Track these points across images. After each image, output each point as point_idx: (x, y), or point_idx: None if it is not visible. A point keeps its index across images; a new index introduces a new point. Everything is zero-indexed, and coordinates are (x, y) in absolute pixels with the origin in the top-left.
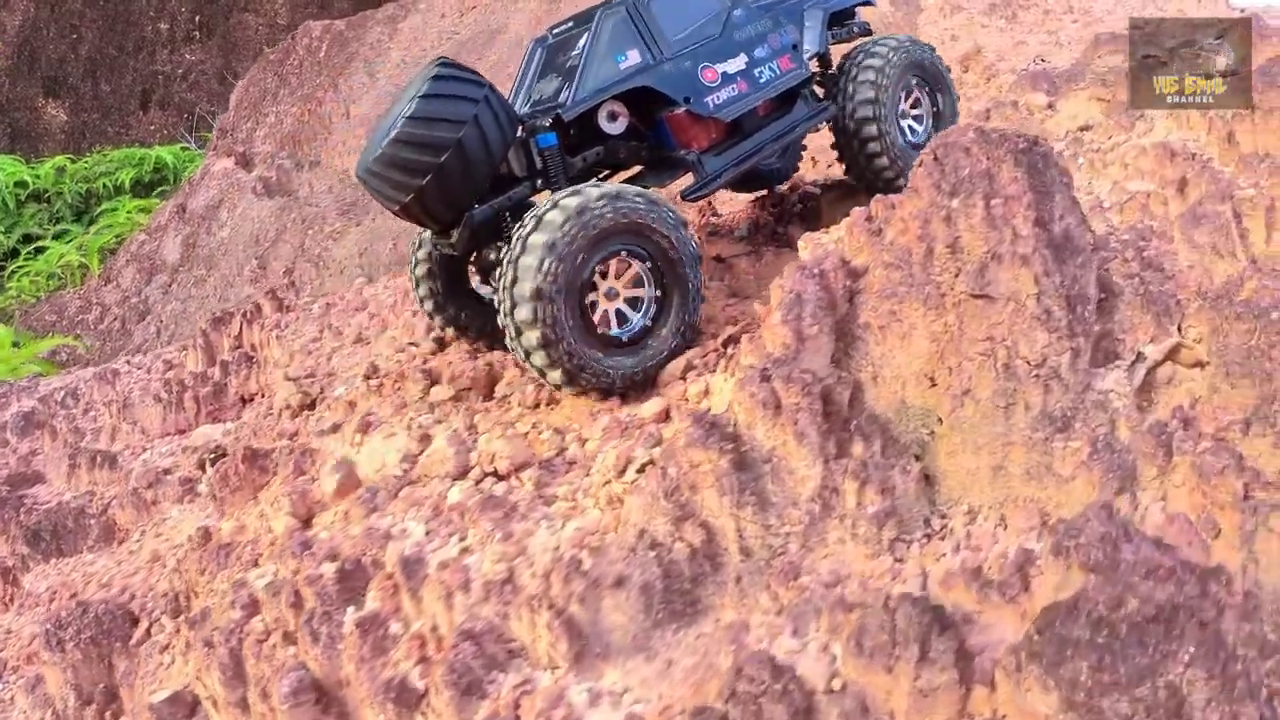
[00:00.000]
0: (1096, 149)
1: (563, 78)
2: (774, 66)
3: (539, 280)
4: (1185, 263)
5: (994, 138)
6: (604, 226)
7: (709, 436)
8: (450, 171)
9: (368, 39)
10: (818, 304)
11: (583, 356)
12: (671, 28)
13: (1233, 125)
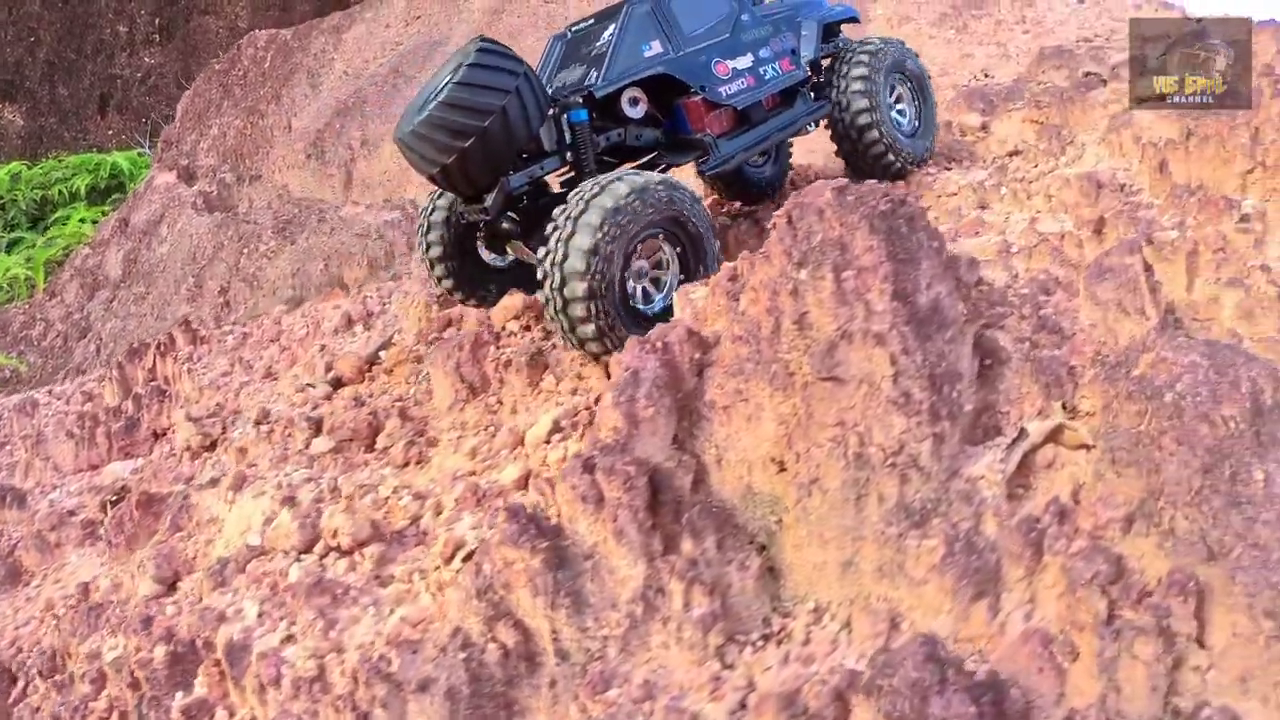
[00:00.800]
0: (1021, 177)
1: (587, 65)
2: (776, 67)
3: (592, 249)
4: (1088, 320)
5: (850, 200)
6: (648, 212)
7: (523, 533)
8: (492, 137)
9: (312, 49)
10: (656, 382)
11: (623, 331)
12: (688, 25)
13: (1165, 153)
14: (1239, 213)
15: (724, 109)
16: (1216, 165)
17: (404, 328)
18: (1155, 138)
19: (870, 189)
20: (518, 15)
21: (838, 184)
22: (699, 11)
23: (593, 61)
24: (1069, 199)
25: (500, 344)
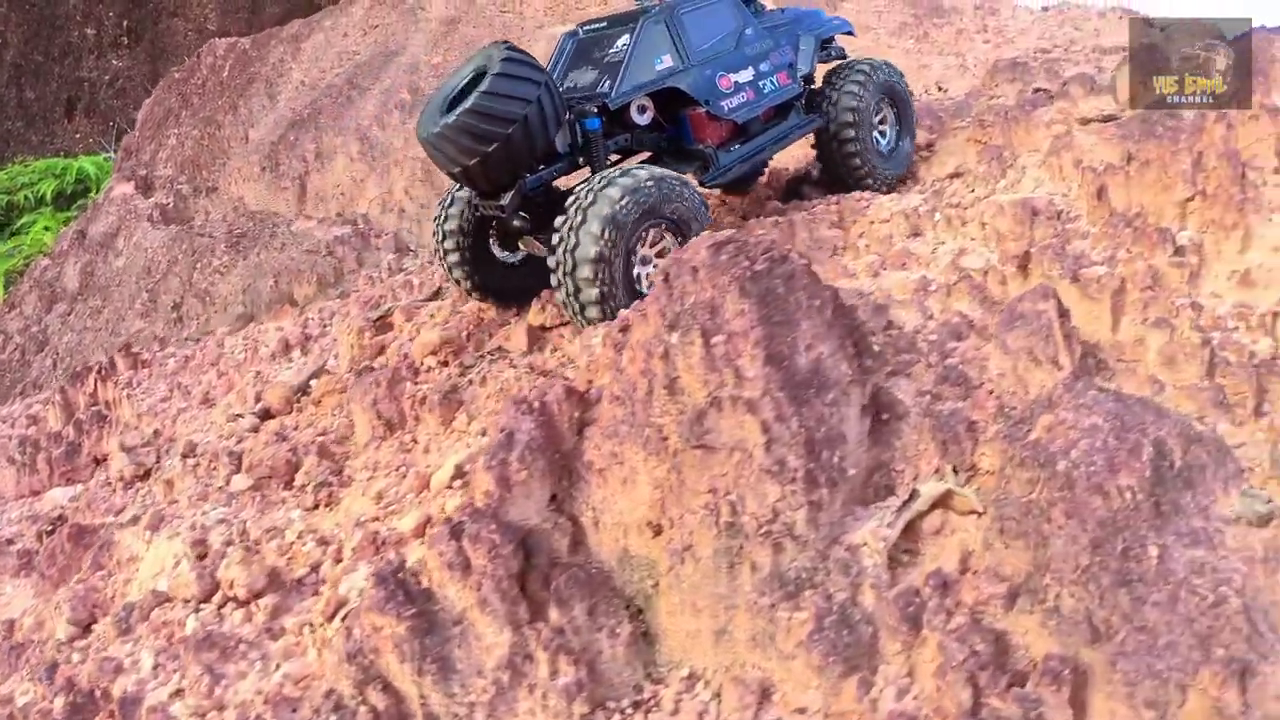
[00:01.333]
0: (957, 203)
1: (601, 71)
2: (774, 80)
3: (600, 246)
4: (996, 370)
5: (723, 260)
6: (650, 203)
7: (390, 600)
8: (514, 143)
9: (270, 58)
10: (530, 445)
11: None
12: (698, 39)
13: (1104, 179)
14: (1174, 245)
15: (725, 121)
16: (1157, 191)
17: (339, 354)
18: (1096, 161)
19: (751, 245)
20: (474, 26)
21: (716, 240)
22: (708, 26)
23: (606, 69)
24: (1002, 227)
25: (418, 380)
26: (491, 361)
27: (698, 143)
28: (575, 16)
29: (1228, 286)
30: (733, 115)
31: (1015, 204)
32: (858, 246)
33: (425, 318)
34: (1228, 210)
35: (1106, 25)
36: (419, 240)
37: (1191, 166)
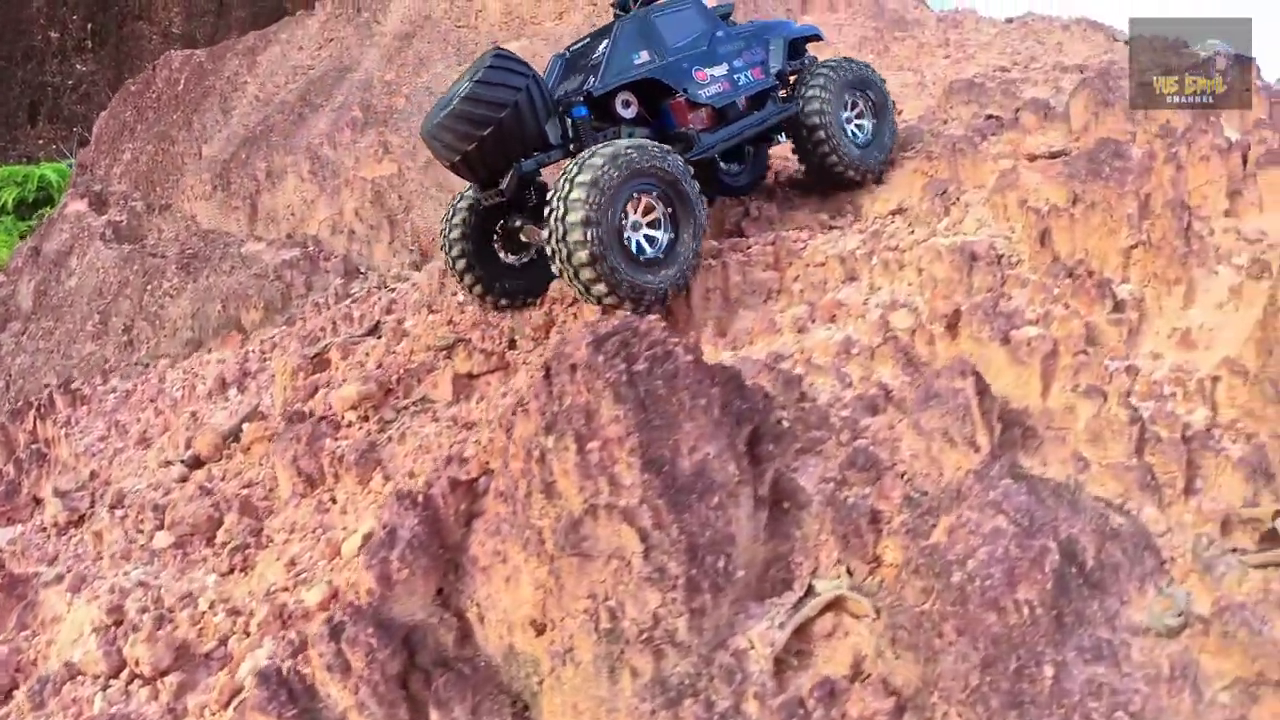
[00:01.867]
0: (896, 245)
1: (585, 73)
2: (748, 75)
3: (586, 210)
4: (909, 451)
5: (601, 361)
6: (632, 168)
7: (272, 700)
8: (507, 128)
9: (225, 71)
10: (413, 542)
11: (621, 272)
12: (671, 39)
13: (1049, 221)
14: (1114, 300)
15: (704, 108)
16: (1102, 235)
17: (274, 394)
18: (1041, 201)
19: (635, 340)
20: (428, 41)
21: (599, 335)
22: (679, 29)
23: (590, 70)
24: (939, 274)
25: (339, 435)
26: (414, 414)
27: (680, 127)
28: (530, 32)
29: (1168, 345)
30: (710, 101)
31: (953, 250)
32: (792, 291)
33: (361, 355)
34: (1171, 264)
35: (1070, 39)
36: (369, 262)
37: (1138, 210)
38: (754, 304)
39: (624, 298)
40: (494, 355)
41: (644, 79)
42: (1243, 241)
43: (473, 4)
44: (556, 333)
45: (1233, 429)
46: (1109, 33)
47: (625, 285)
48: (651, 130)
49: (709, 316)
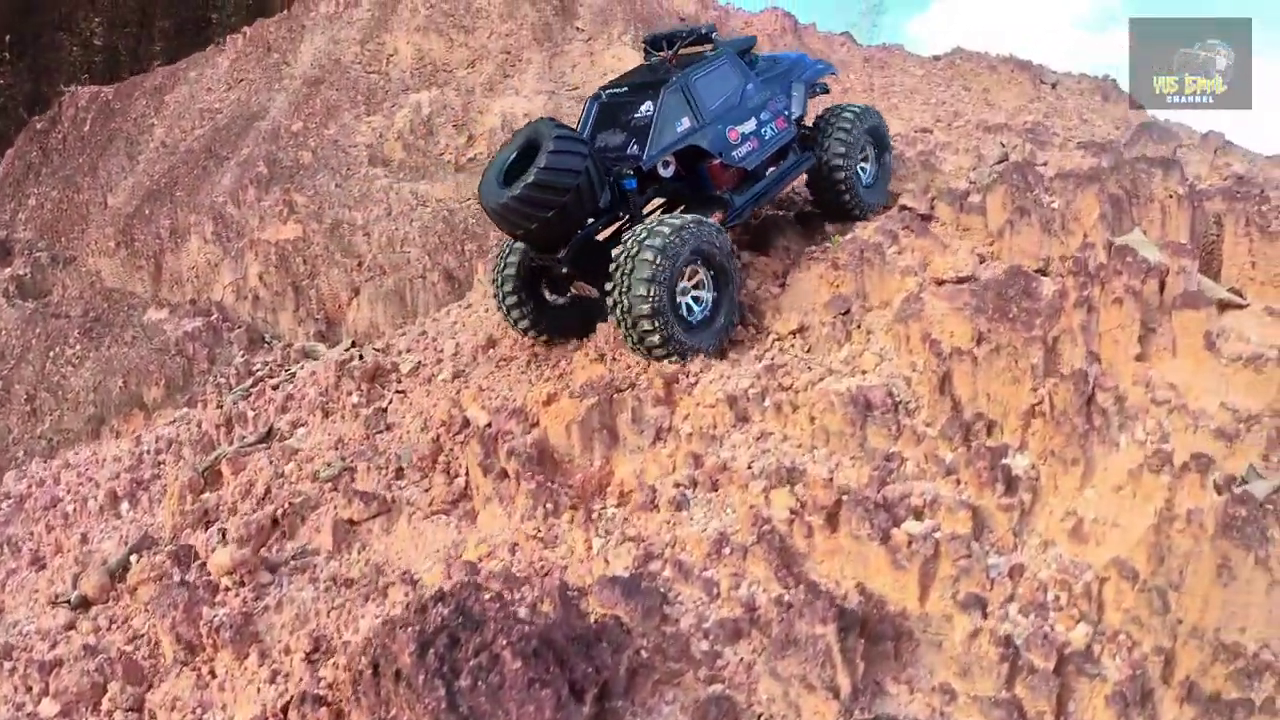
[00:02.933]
0: (790, 384)
1: (629, 134)
2: (773, 127)
3: (652, 271)
4: (766, 695)
5: (422, 680)
6: (691, 243)
7: None
8: (569, 208)
9: (132, 112)
10: None
11: (672, 328)
12: (709, 100)
13: (951, 364)
14: (1007, 480)
15: (736, 168)
16: (1006, 382)
17: (163, 515)
18: (946, 334)
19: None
20: (337, 88)
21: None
22: (715, 88)
23: (634, 132)
24: (831, 427)
25: (216, 600)
26: (293, 573)
27: (716, 189)
28: (441, 79)
29: (1060, 530)
30: (743, 163)
31: (848, 399)
32: (680, 434)
33: (251, 474)
34: (1069, 443)
35: (996, 83)
36: (274, 330)
37: (1043, 359)
38: (641, 446)
39: (670, 351)
40: (376, 500)
41: (685, 146)
42: (1152, 403)
43: (384, 49)
44: (444, 459)
45: (1115, 640)
46: (1035, 74)
47: (674, 341)
48: (688, 188)
49: (595, 457)
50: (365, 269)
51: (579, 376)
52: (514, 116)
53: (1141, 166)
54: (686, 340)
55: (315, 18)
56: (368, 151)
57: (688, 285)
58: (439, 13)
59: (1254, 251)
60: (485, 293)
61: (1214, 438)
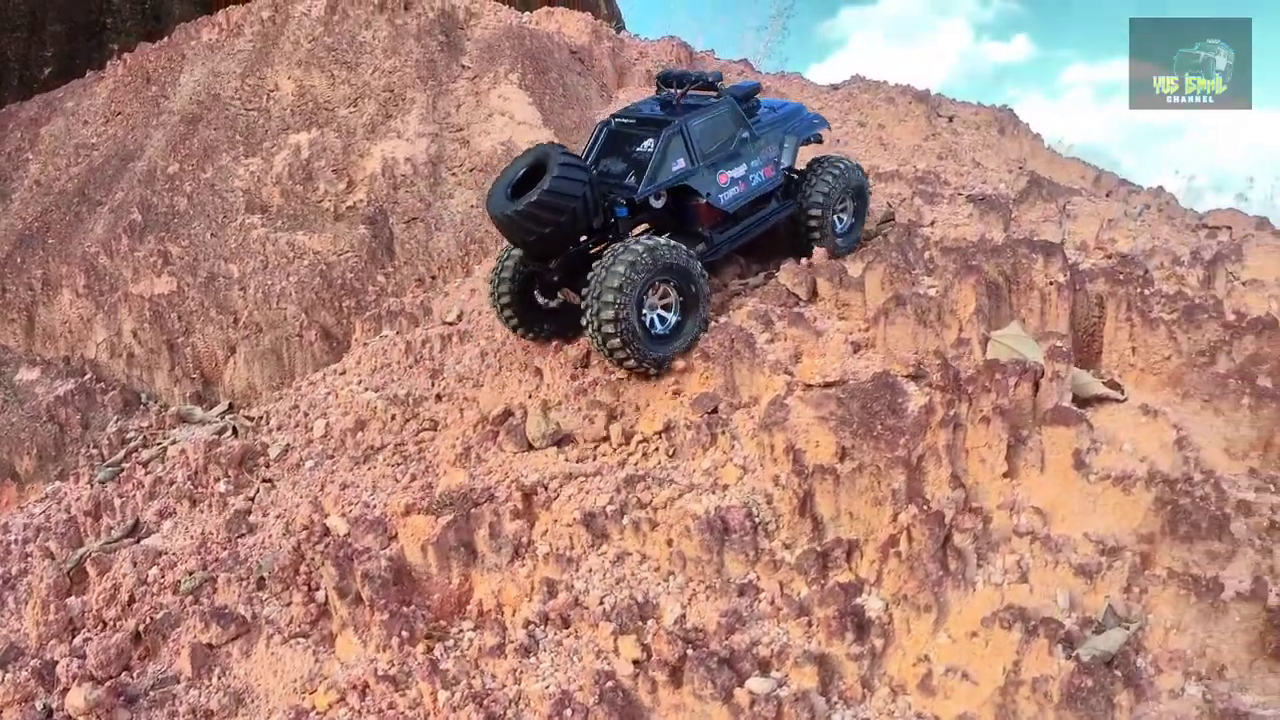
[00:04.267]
0: (649, 502)
1: (628, 164)
2: (761, 174)
3: (620, 283)
4: None
5: None
6: (661, 263)
7: None
8: (566, 226)
9: (6, 146)
10: None
11: (637, 341)
12: (704, 144)
13: (813, 483)
14: (858, 626)
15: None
16: (868, 503)
17: (25, 626)
18: (809, 447)
19: None
20: (216, 127)
21: None
22: (713, 133)
23: (633, 164)
24: (689, 552)
25: None
26: (150, 708)
27: (700, 226)
28: (322, 118)
29: (911, 675)
30: (727, 206)
31: (704, 523)
32: (537, 555)
33: (117, 576)
34: (923, 589)
35: (892, 117)
36: (150, 390)
37: (905, 481)
38: (500, 564)
39: (638, 362)
40: (235, 620)
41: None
42: (1014, 533)
43: (264, 84)
44: (305, 569)
45: None
46: (932, 107)
47: (639, 352)
48: (674, 219)
49: (453, 575)
50: (241, 326)
51: (441, 480)
52: (395, 161)
53: (1023, 251)
54: (650, 350)
55: (196, 47)
56: (245, 197)
57: (655, 301)
58: (321, 46)
59: (1135, 338)
60: (360, 357)
61: (1074, 574)
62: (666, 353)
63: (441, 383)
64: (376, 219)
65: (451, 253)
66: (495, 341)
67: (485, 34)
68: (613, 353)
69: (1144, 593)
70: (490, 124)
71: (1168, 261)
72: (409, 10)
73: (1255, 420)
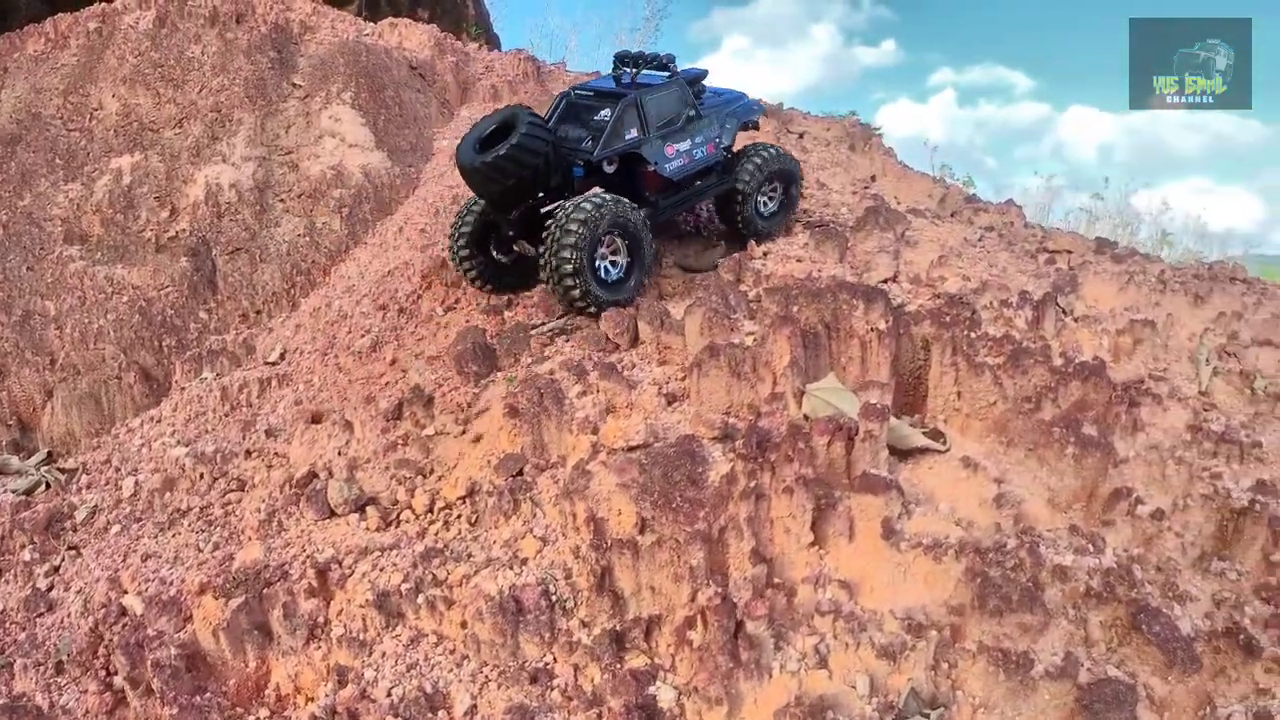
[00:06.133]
0: (445, 579)
1: (586, 130)
2: (704, 150)
3: (575, 238)
4: None
5: None
6: (610, 217)
7: None
8: (528, 180)
9: None
10: None
11: (589, 285)
12: (655, 116)
13: (612, 557)
14: (648, 715)
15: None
16: (668, 578)
17: None
18: (612, 515)
19: None
20: (35, 150)
21: None
22: (664, 107)
23: (591, 129)
24: (482, 636)
25: None
26: None
27: (646, 192)
28: (146, 140)
29: None
30: (671, 174)
31: (496, 606)
32: (331, 637)
33: None
34: (713, 680)
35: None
36: None
37: (704, 560)
38: (295, 646)
39: (588, 303)
40: (30, 713)
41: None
42: (816, 611)
43: (88, 102)
44: (103, 652)
45: None
46: (783, 122)
47: (591, 296)
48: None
49: (249, 659)
50: (59, 368)
51: (239, 554)
52: (219, 187)
53: (844, 297)
54: (603, 295)
55: (20, 59)
56: (64, 227)
57: (605, 252)
58: (148, 62)
59: (960, 383)
60: (177, 403)
61: (877, 655)
62: (617, 297)
63: (253, 436)
64: (199, 250)
65: (277, 285)
66: (312, 387)
67: (320, 50)
68: (568, 295)
69: (953, 668)
70: (320, 146)
71: (996, 301)
72: (241, 24)
73: (1079, 470)
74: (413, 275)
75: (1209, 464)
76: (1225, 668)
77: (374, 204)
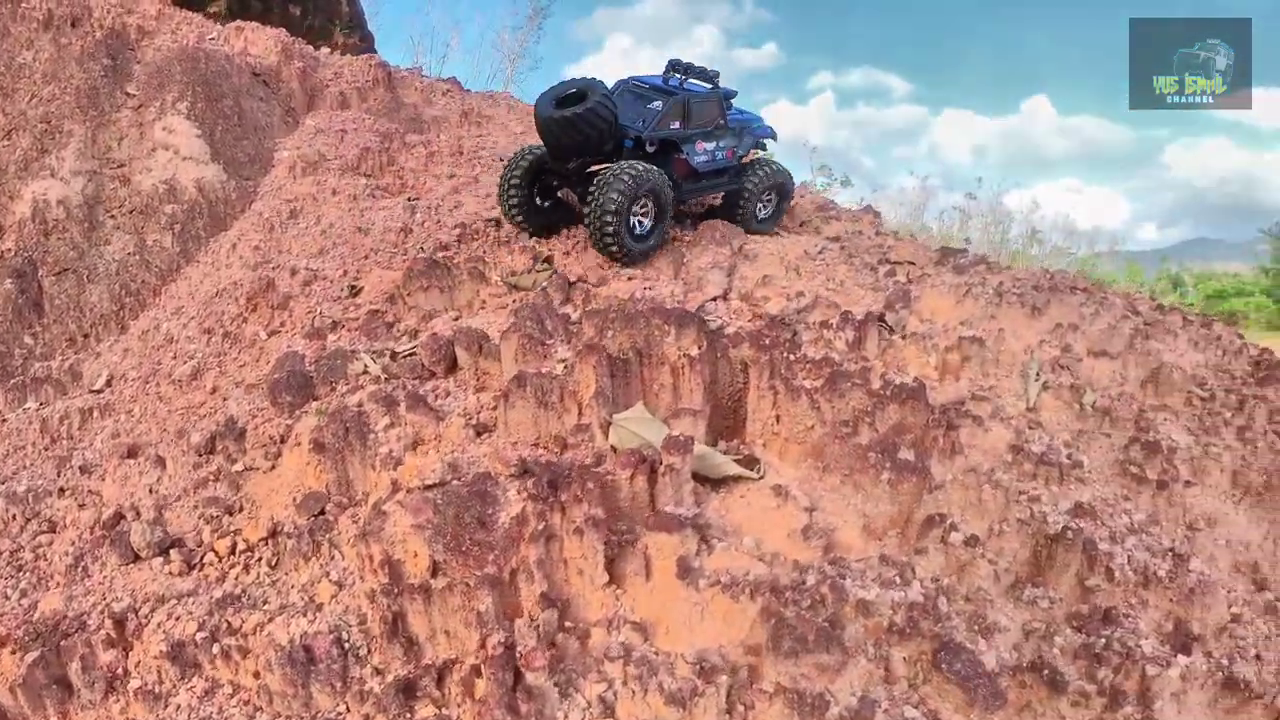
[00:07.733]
0: (239, 627)
1: (639, 114)
2: (724, 154)
3: (619, 194)
4: None
5: None
6: (646, 182)
7: None
8: (593, 139)
9: None
10: None
11: (622, 234)
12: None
13: (404, 602)
14: None
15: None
16: (461, 622)
17: None
18: (408, 558)
19: None
20: None
21: None
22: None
23: (644, 114)
24: (274, 686)
25: None
26: None
27: (676, 176)
28: (48, 165)
29: None
30: (696, 165)
31: (285, 657)
32: (129, 691)
33: None
34: None
35: None
36: None
37: (494, 605)
38: (94, 700)
39: (620, 250)
40: None
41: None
42: (606, 657)
43: None
44: None
45: None
46: None
47: (623, 246)
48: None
49: (50, 714)
50: None
51: (41, 604)
52: (47, 204)
53: (656, 322)
54: (632, 246)
55: None
56: None
57: (639, 210)
58: None
59: (778, 406)
60: None
61: (666, 702)
62: (643, 248)
63: (68, 473)
64: (25, 271)
65: (105, 307)
66: (133, 417)
67: (156, 56)
68: (604, 238)
69: (750, 709)
70: (153, 159)
71: (818, 322)
72: (76, 28)
73: (895, 496)
74: (239, 296)
75: (1027, 487)
76: (1030, 702)
77: (208, 219)
